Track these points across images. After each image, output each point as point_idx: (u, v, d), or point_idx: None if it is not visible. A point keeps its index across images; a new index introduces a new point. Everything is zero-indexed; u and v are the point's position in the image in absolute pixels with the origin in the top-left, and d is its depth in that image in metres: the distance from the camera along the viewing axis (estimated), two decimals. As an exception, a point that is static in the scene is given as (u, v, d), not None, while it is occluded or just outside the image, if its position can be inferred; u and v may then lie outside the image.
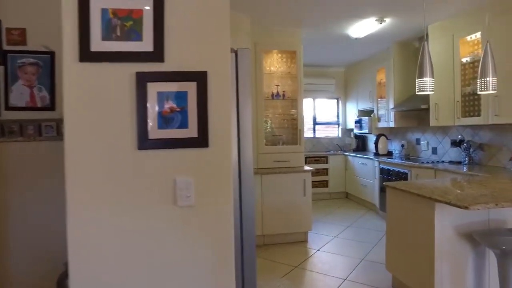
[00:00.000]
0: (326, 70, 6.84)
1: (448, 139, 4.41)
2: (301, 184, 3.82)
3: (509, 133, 3.58)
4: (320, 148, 6.86)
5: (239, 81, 1.62)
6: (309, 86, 6.53)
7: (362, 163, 5.59)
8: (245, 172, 1.61)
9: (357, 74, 6.31)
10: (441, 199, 2.09)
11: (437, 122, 4.05)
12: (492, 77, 2.54)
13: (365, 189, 5.50)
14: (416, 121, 5.01)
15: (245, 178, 1.60)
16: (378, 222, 4.69)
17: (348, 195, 6.36)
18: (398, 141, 5.52)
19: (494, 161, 3.74)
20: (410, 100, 4.63)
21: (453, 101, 3.83)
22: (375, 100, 5.64)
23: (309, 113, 6.90)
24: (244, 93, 1.63)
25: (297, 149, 4.05)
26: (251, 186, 1.60)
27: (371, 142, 6.40)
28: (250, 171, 1.61)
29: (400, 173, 4.33)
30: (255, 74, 3.90)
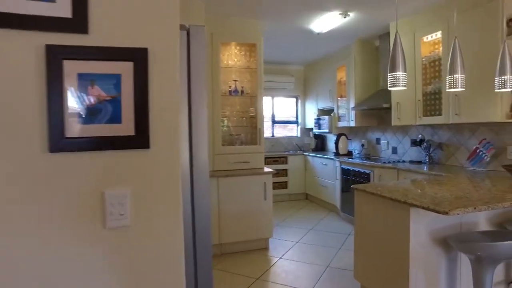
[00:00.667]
0: (285, 67, 6.65)
1: (408, 139, 4.38)
2: (261, 187, 3.54)
3: (466, 133, 3.58)
4: (279, 148, 6.67)
5: (191, 66, 1.29)
6: (268, 84, 6.29)
7: (322, 164, 5.46)
8: (199, 177, 1.28)
9: (317, 72, 6.19)
10: (417, 203, 1.91)
11: (399, 122, 3.98)
12: (461, 74, 2.44)
13: (325, 190, 5.37)
14: (377, 120, 4.96)
15: (199, 185, 1.28)
16: (340, 224, 4.55)
17: (308, 196, 6.21)
18: (358, 141, 5.46)
19: (453, 161, 3.73)
20: (372, 99, 4.55)
21: (414, 100, 3.77)
22: (335, 99, 5.53)
23: (268, 112, 6.67)
24: (198, 80, 1.30)
25: (256, 149, 3.77)
26: (206, 193, 1.28)
27: (330, 142, 6.31)
28: (205, 176, 1.29)
29: (363, 174, 4.22)
30: (211, 68, 3.57)
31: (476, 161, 3.38)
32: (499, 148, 3.26)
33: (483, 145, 3.32)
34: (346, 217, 4.71)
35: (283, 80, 6.45)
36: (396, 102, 3.99)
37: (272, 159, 5.96)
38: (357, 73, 4.87)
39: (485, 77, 3.00)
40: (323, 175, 5.44)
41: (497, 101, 2.94)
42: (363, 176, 4.20)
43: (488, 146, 3.29)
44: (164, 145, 1.06)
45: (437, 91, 3.58)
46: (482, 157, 3.32)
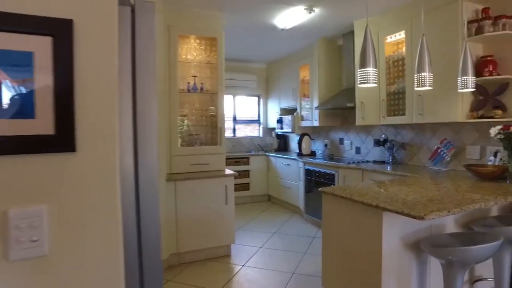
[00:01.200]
0: (247, 65, 6.47)
1: (371, 139, 4.36)
2: (222, 191, 3.32)
3: (428, 133, 3.59)
4: (241, 148, 6.47)
5: (137, 50, 1.04)
6: (229, 82, 6.07)
7: (285, 164, 5.34)
8: (146, 185, 1.03)
9: (280, 71, 6.07)
10: (391, 208, 1.79)
11: (363, 121, 3.93)
12: (429, 72, 2.38)
13: (288, 191, 5.25)
14: (340, 120, 4.91)
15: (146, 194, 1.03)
16: (304, 227, 4.44)
17: (271, 198, 6.07)
18: (322, 141, 5.40)
19: (416, 160, 3.74)
20: (335, 98, 4.48)
21: (378, 100, 3.74)
22: (298, 98, 5.43)
23: (229, 111, 6.45)
24: (145, 68, 1.06)
25: (217, 150, 3.54)
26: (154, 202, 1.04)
27: (293, 142, 6.22)
28: (153, 182, 1.04)
29: (327, 175, 4.13)
30: (168, 62, 3.28)
31: (438, 160, 3.40)
32: (459, 147, 3.29)
33: (444, 144, 3.34)
34: (310, 219, 4.61)
35: (245, 78, 6.26)
36: (360, 101, 3.94)
37: (234, 160, 5.75)
38: (321, 72, 4.79)
39: (447, 77, 3.00)
40: (286, 176, 5.32)
41: (458, 102, 2.94)
42: (328, 177, 4.11)
43: (448, 145, 3.31)
44: (96, 147, 0.81)
45: (401, 91, 3.56)
46: (443, 156, 3.33)
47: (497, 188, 2.29)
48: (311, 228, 4.37)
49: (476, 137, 3.16)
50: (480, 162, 3.11)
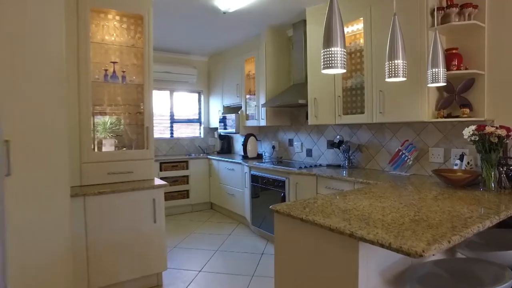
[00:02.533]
0: (186, 57, 5.77)
1: (324, 140, 3.95)
2: (149, 206, 2.64)
3: (388, 134, 3.25)
4: (179, 150, 5.76)
5: None
6: (165, 76, 5.34)
7: (229, 169, 4.76)
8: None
9: (223, 64, 5.47)
10: (372, 238, 1.29)
11: (317, 121, 3.49)
12: (403, 60, 1.95)
13: (233, 200, 4.68)
14: (289, 119, 4.46)
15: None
16: (251, 241, 3.90)
17: (213, 206, 5.44)
18: (269, 142, 4.91)
19: (373, 164, 3.39)
20: (285, 94, 4.00)
21: (334, 96, 3.32)
22: (243, 94, 4.88)
23: (166, 109, 5.70)
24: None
25: (143, 154, 2.84)
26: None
27: (237, 143, 5.66)
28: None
29: (276, 181, 3.63)
30: (76, 42, 2.52)
31: (398, 164, 3.06)
32: (421, 150, 2.98)
33: (406, 147, 3.01)
34: (257, 231, 4.08)
35: (184, 72, 5.56)
36: (313, 97, 3.50)
37: (171, 164, 5.03)
38: (268, 66, 4.29)
39: (410, 72, 2.65)
40: (230, 182, 4.74)
41: (424, 99, 2.60)
42: (277, 184, 3.61)
43: (411, 148, 2.98)
44: None
45: (359, 87, 3.17)
46: (405, 160, 3.00)
47: (476, 198, 1.95)
48: (259, 242, 3.84)
49: (439, 139, 2.86)
50: (444, 166, 2.81)
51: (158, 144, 5.50)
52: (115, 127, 2.94)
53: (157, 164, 4.88)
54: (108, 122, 2.91)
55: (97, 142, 2.79)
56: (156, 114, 5.56)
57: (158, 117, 5.59)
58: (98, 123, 2.83)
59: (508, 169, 2.28)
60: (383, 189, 2.28)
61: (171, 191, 5.02)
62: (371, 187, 2.35)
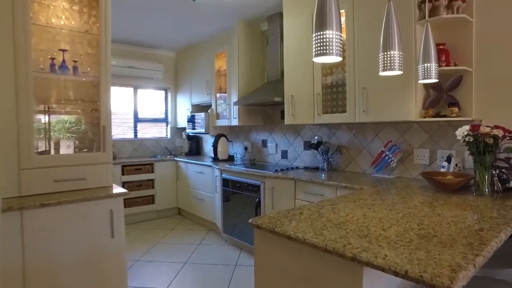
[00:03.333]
0: (152, 52, 5.35)
1: (300, 141, 3.71)
2: (106, 219, 2.26)
3: (369, 134, 3.06)
4: (144, 152, 5.33)
5: None
6: (129, 71, 4.91)
7: (198, 171, 4.41)
8: None
9: (192, 60, 5.11)
10: (383, 265, 1.04)
11: (294, 120, 3.24)
12: (399, 51, 1.73)
13: (202, 205, 4.34)
14: (263, 118, 4.19)
15: None
16: (223, 251, 3.58)
17: (181, 212, 5.07)
18: (241, 143, 4.61)
19: (354, 166, 3.19)
20: (259, 92, 3.72)
21: (312, 94, 3.08)
22: (213, 92, 4.56)
23: (130, 107, 5.25)
24: None
25: (99, 158, 2.45)
26: None
27: (207, 144, 5.32)
28: None
29: (250, 186, 3.34)
30: (12, 24, 2.10)
31: (381, 166, 2.87)
32: (405, 151, 2.81)
33: (389, 148, 2.83)
34: (230, 240, 3.78)
35: (150, 68, 5.14)
36: (290, 95, 3.25)
37: (134, 167, 4.61)
38: (241, 62, 4.00)
39: (398, 66, 2.46)
40: (199, 186, 4.40)
41: (411, 97, 2.41)
42: (251, 188, 3.32)
43: (395, 149, 2.80)
44: None
45: (340, 83, 2.95)
46: (388, 162, 2.82)
47: (473, 204, 1.77)
48: (232, 252, 3.54)
49: (424, 139, 2.69)
50: (430, 168, 2.65)
51: (121, 145, 5.05)
52: (75, 127, 2.54)
53: (118, 168, 4.45)
54: (68, 122, 2.50)
55: (40, 144, 2.37)
56: (119, 112, 5.11)
57: (121, 116, 5.14)
58: (53, 122, 2.41)
59: (500, 171, 2.13)
60: (371, 195, 2.06)
61: (135, 197, 4.60)
62: (358, 193, 2.12)
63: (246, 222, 3.37)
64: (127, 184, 4.52)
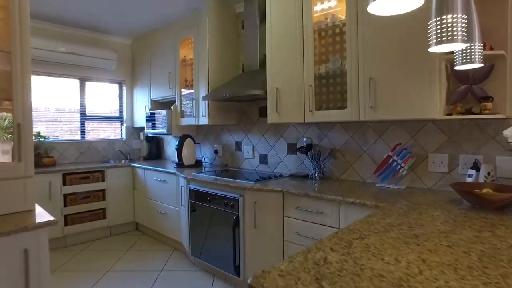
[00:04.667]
0: (103, 37, 4.53)
1: (283, 143, 3.12)
2: (16, 263, 1.53)
3: (371, 135, 2.54)
4: (93, 156, 4.50)
5: None
6: (72, 58, 4.07)
7: (159, 180, 3.70)
8: None
9: (151, 48, 4.36)
10: None
11: (279, 118, 2.64)
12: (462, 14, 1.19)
13: (165, 220, 3.63)
14: (237, 116, 3.56)
15: None
16: (192, 278, 2.91)
17: (139, 227, 4.31)
18: (210, 146, 3.95)
19: (351, 174, 2.65)
20: (234, 85, 3.09)
21: (302, 85, 2.50)
22: (177, 85, 3.86)
23: (75, 102, 4.40)
24: None
25: (11, 171, 1.70)
26: None
27: (170, 147, 4.60)
28: None
29: (225, 199, 2.69)
30: None
31: (388, 175, 2.35)
32: (417, 156, 2.31)
33: (398, 152, 2.32)
34: (199, 264, 3.11)
35: (100, 56, 4.33)
36: (275, 87, 2.65)
37: (79, 175, 3.79)
38: (212, 48, 3.35)
39: (413, 51, 1.95)
40: (161, 197, 3.69)
41: (435, 88, 1.91)
42: (227, 203, 2.68)
43: (405, 154, 2.29)
44: None
45: (338, 73, 2.40)
46: (396, 169, 2.31)
47: None
48: (203, 279, 2.88)
49: (442, 142, 2.21)
50: (449, 176, 2.17)
51: (63, 148, 4.20)
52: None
53: (58, 177, 3.61)
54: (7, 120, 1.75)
55: None
56: (62, 109, 4.25)
57: (65, 114, 4.28)
58: None
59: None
60: (400, 217, 1.51)
61: (81, 212, 3.79)
62: (381, 216, 1.56)
63: (220, 244, 2.72)
64: (70, 197, 3.70)
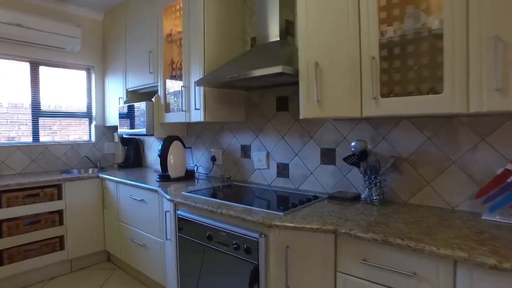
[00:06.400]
0: (63, 8, 3.49)
1: (314, 148, 2.17)
2: None
3: (464, 135, 1.62)
4: (50, 165, 3.46)
5: None
6: (17, 32, 3.05)
7: (135, 199, 2.70)
8: None
9: (126, 22, 3.35)
10: None
11: (321, 110, 1.68)
12: None
13: (144, 254, 2.64)
14: (244, 110, 2.60)
15: None
16: None
17: (111, 258, 3.30)
18: (205, 150, 2.98)
19: (428, 197, 1.72)
20: (242, 63, 2.11)
21: (358, 58, 1.56)
22: (160, 69, 2.86)
23: (25, 94, 3.36)
24: None
25: None
26: None
27: (152, 151, 3.61)
28: None
29: (237, 238, 1.71)
30: None
31: (505, 201, 1.43)
32: (555, 172, 1.40)
33: (526, 166, 1.40)
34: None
35: (58, 31, 3.29)
36: (314, 62, 1.70)
37: (24, 192, 2.76)
38: (210, 16, 2.38)
39: None
40: (137, 223, 2.69)
41: None
42: (239, 245, 1.69)
43: (541, 169, 1.37)
44: None
45: (422, 36, 1.46)
46: (522, 194, 1.39)
47: None
48: None
49: None
50: None
51: (5, 154, 3.15)
52: None
53: (-7, 195, 2.59)
54: None
55: None
56: (3, 102, 3.21)
57: (8, 109, 3.24)
58: None
59: None
60: None
61: (26, 243, 2.76)
62: None
63: (225, 306, 1.76)
64: (7, 224, 2.67)
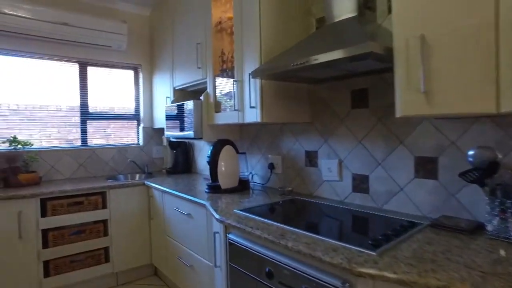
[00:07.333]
0: (108, 4, 3.31)
1: (407, 156, 1.65)
2: None
3: None
4: (97, 170, 3.29)
5: None
6: (65, 31, 2.90)
7: (182, 212, 2.37)
8: None
9: (174, 15, 3.07)
10: None
11: (428, 105, 1.17)
12: None
13: (191, 276, 2.30)
14: (309, 109, 2.14)
15: None
16: None
17: (158, 272, 3.04)
18: (261, 156, 2.57)
19: None
20: (309, 47, 1.65)
21: (493, 27, 1.03)
22: (208, 63, 2.51)
23: (74, 96, 3.23)
24: None
25: None
26: None
27: (203, 156, 3.29)
28: None
29: (308, 283, 1.28)
30: None
31: None
32: None
33: None
34: None
35: (105, 28, 3.10)
36: (419, 35, 1.19)
37: (68, 200, 2.57)
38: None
39: None
40: (184, 239, 2.36)
41: None
42: None
43: None
44: None
45: None
46: None
47: None
48: None
49: None
50: None
51: (55, 159, 3.02)
52: None
53: (33, 204, 2.41)
54: None
55: None
56: (48, 106, 3.09)
57: (59, 113, 3.12)
58: None
59: None
60: None
61: (71, 254, 2.57)
62: None
63: None
64: (53, 233, 2.49)
